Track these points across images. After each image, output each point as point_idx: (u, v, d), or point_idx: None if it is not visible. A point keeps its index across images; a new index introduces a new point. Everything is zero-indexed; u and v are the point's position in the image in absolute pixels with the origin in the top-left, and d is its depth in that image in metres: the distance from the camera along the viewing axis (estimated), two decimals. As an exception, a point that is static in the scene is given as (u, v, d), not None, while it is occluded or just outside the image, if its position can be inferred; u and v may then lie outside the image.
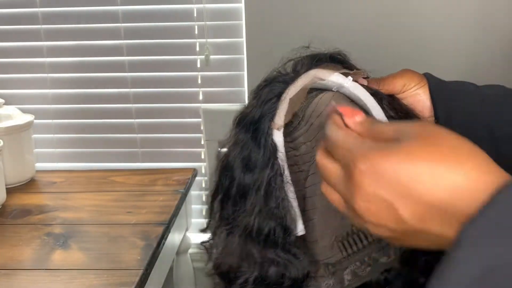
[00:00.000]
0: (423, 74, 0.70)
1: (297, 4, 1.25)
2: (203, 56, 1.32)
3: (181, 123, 1.38)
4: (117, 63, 1.35)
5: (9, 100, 1.32)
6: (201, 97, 1.35)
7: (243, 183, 0.59)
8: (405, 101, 0.67)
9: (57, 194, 1.23)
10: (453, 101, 0.68)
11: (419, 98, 0.68)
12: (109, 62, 1.35)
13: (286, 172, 0.57)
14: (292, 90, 0.59)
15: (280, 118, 0.58)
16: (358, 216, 0.41)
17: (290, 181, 0.58)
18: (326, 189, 0.45)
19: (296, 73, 0.63)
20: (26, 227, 1.08)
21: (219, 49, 1.32)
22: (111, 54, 1.34)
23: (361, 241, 0.59)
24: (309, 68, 0.62)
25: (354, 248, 0.60)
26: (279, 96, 0.60)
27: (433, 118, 0.67)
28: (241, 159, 0.60)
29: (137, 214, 1.12)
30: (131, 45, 1.33)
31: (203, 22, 1.30)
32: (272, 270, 0.59)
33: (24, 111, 1.30)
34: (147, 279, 0.92)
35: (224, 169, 0.62)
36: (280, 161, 0.58)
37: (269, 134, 0.58)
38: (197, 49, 1.32)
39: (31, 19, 1.33)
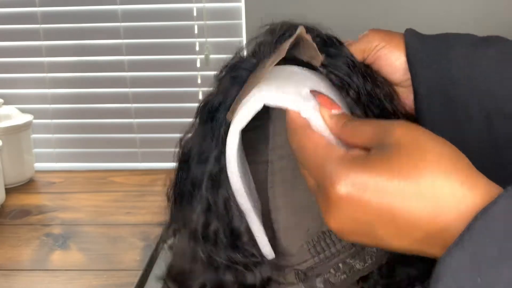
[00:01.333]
0: (400, 32, 0.58)
1: (297, 4, 1.25)
2: (202, 56, 1.32)
3: (181, 123, 1.37)
4: (116, 62, 1.34)
5: (8, 100, 1.31)
6: (201, 97, 1.35)
7: (193, 177, 0.54)
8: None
9: (56, 194, 1.23)
10: (434, 66, 0.54)
11: (385, 61, 0.56)
12: (109, 61, 1.35)
13: (235, 169, 0.48)
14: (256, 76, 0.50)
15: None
16: (336, 234, 0.39)
17: (240, 177, 0.49)
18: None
19: (258, 59, 0.56)
20: (25, 227, 1.07)
21: (219, 48, 1.32)
22: (110, 54, 1.34)
23: (335, 245, 0.54)
24: (271, 49, 0.55)
25: (327, 252, 0.54)
26: (240, 84, 0.53)
27: (409, 83, 0.56)
28: (196, 150, 0.55)
29: (137, 214, 1.11)
30: (131, 45, 1.33)
31: (202, 22, 1.29)
32: (227, 276, 0.52)
33: (23, 111, 1.30)
34: (146, 280, 0.92)
35: (181, 161, 0.57)
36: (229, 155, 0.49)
37: (223, 125, 0.52)
38: (197, 48, 1.32)
39: (30, 18, 1.33)
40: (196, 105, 0.61)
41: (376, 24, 1.26)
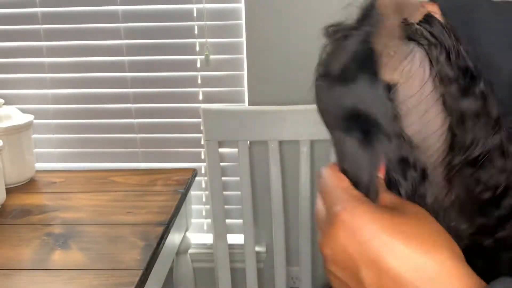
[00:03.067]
0: None
1: (297, 4, 1.25)
2: (203, 56, 1.32)
3: (181, 123, 1.38)
4: (117, 63, 1.35)
5: (9, 100, 1.32)
6: (201, 97, 1.35)
7: None
8: None
9: (57, 194, 1.23)
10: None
11: None
12: (109, 62, 1.35)
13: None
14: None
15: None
16: (324, 259, 0.41)
17: None
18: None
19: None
20: (26, 227, 1.08)
21: (219, 49, 1.32)
22: (111, 54, 1.34)
23: None
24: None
25: None
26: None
27: None
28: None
29: (137, 214, 1.12)
30: (131, 45, 1.33)
31: (203, 22, 1.30)
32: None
33: (23, 111, 1.30)
34: (147, 279, 0.92)
35: None
36: None
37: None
38: (197, 49, 1.32)
39: (31, 19, 1.33)
40: (196, 105, 0.59)
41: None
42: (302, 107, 1.25)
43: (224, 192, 1.35)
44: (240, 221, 1.36)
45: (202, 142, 1.36)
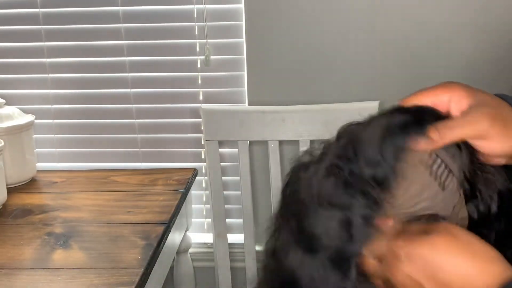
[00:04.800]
0: (495, 94, 0.56)
1: (297, 4, 1.25)
2: (203, 57, 1.32)
3: (181, 123, 1.38)
4: (117, 63, 1.35)
5: (10, 100, 1.32)
6: (201, 97, 1.35)
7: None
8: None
9: (58, 194, 1.23)
10: None
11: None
12: (110, 62, 1.35)
13: None
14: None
15: None
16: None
17: None
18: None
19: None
20: (27, 227, 1.08)
21: (219, 49, 1.32)
22: (111, 55, 1.35)
23: None
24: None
25: None
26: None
27: None
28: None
29: (138, 213, 1.12)
30: (132, 46, 1.34)
31: (203, 23, 1.30)
32: None
33: (25, 111, 1.30)
34: (147, 279, 0.92)
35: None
36: None
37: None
38: (197, 49, 1.33)
39: (32, 19, 1.34)
40: (196, 105, 0.59)
41: (375, 23, 1.27)
42: (302, 107, 1.26)
43: (224, 192, 1.36)
44: (240, 220, 1.37)
45: (203, 142, 1.36)
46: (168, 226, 1.07)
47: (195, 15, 1.30)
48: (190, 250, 1.40)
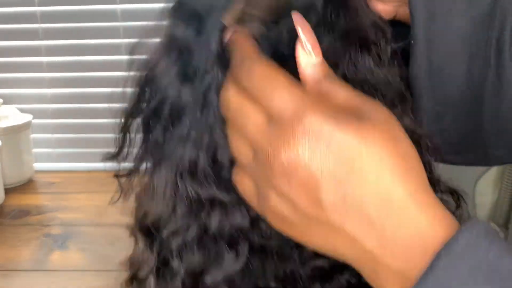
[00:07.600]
0: None
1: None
2: (202, 55, 1.31)
3: (180, 123, 1.37)
4: (116, 62, 1.34)
5: (7, 100, 1.31)
6: (200, 97, 1.34)
7: (178, 101, 0.45)
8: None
9: (56, 194, 1.23)
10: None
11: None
12: (108, 61, 1.35)
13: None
14: None
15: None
16: (270, 168, 0.33)
17: None
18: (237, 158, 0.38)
19: None
20: (24, 227, 1.07)
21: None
22: (109, 53, 1.34)
23: None
24: None
25: None
26: None
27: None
28: (176, 69, 0.45)
29: (137, 214, 1.11)
30: (130, 45, 1.33)
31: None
32: (213, 218, 0.42)
33: (22, 110, 1.30)
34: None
35: (150, 83, 0.47)
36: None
37: (220, 31, 0.42)
38: (197, 48, 1.32)
39: (29, 18, 1.33)
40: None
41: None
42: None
43: (224, 192, 1.35)
44: (240, 221, 1.36)
45: (202, 142, 1.35)
46: (167, 227, 1.06)
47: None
48: (190, 251, 1.39)
